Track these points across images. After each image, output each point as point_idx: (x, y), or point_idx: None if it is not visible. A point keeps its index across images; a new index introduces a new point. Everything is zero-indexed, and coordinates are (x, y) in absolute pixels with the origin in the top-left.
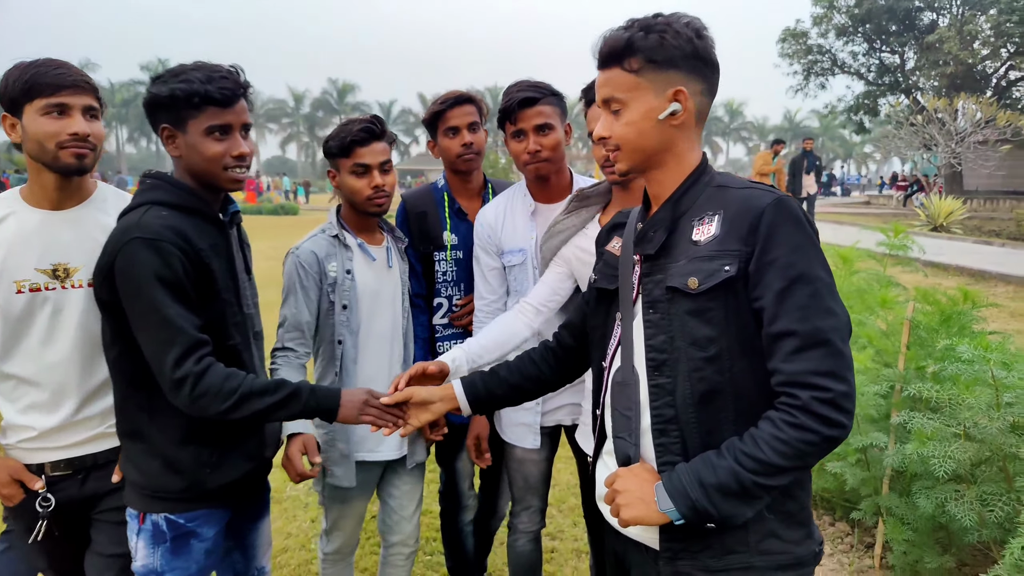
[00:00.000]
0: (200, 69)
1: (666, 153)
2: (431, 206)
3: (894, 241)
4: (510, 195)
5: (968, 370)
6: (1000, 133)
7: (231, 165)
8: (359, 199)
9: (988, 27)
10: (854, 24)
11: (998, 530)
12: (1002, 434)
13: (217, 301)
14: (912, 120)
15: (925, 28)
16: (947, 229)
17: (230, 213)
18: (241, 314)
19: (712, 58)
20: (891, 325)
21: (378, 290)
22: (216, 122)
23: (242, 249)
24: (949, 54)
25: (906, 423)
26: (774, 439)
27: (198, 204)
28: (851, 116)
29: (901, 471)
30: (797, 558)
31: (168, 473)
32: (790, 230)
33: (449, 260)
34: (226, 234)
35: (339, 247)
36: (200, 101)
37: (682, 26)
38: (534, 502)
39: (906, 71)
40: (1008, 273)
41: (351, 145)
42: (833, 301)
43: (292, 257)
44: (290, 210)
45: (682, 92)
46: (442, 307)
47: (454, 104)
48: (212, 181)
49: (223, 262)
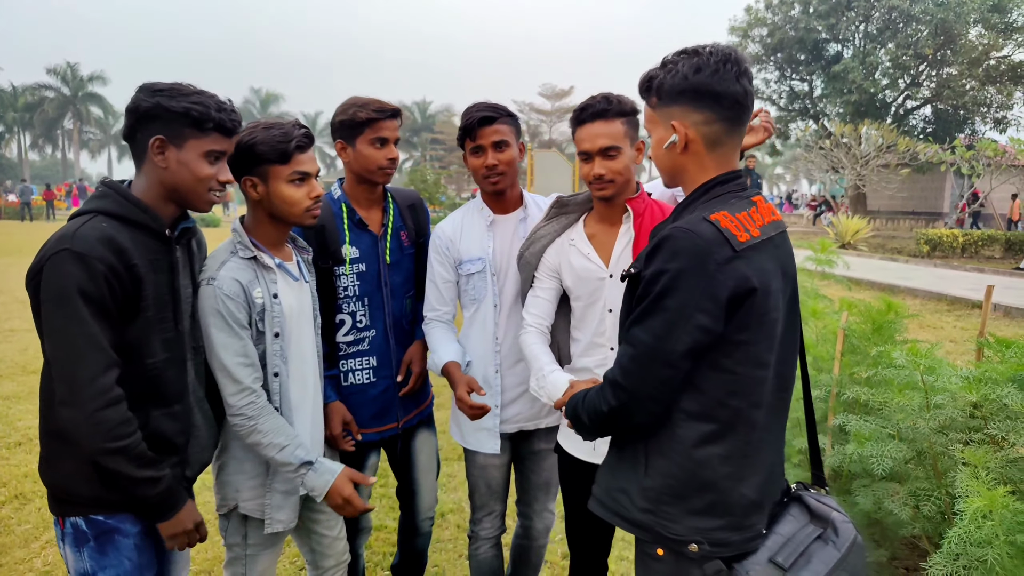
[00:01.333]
0: (208, 95)
1: (681, 174)
2: (328, 219)
3: (821, 257)
4: (467, 209)
5: (899, 375)
6: (900, 158)
7: (215, 188)
8: (296, 210)
9: (887, 59)
10: (766, 53)
11: (929, 524)
12: (933, 434)
13: (141, 318)
14: (821, 144)
15: (831, 59)
16: (854, 247)
17: (180, 229)
18: (175, 330)
19: (713, 89)
20: (822, 334)
21: (300, 311)
22: (217, 148)
23: (191, 264)
24: (853, 83)
25: (844, 425)
26: (593, 393)
27: (143, 218)
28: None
29: (839, 471)
30: (634, 520)
31: (81, 478)
32: (664, 257)
33: (350, 274)
34: (170, 249)
35: (259, 269)
36: (212, 127)
37: (685, 62)
38: (496, 507)
39: (814, 98)
40: (914, 287)
41: (294, 152)
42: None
43: (211, 289)
44: (211, 222)
45: (676, 125)
46: (344, 324)
47: (391, 116)
48: (191, 199)
49: (162, 277)
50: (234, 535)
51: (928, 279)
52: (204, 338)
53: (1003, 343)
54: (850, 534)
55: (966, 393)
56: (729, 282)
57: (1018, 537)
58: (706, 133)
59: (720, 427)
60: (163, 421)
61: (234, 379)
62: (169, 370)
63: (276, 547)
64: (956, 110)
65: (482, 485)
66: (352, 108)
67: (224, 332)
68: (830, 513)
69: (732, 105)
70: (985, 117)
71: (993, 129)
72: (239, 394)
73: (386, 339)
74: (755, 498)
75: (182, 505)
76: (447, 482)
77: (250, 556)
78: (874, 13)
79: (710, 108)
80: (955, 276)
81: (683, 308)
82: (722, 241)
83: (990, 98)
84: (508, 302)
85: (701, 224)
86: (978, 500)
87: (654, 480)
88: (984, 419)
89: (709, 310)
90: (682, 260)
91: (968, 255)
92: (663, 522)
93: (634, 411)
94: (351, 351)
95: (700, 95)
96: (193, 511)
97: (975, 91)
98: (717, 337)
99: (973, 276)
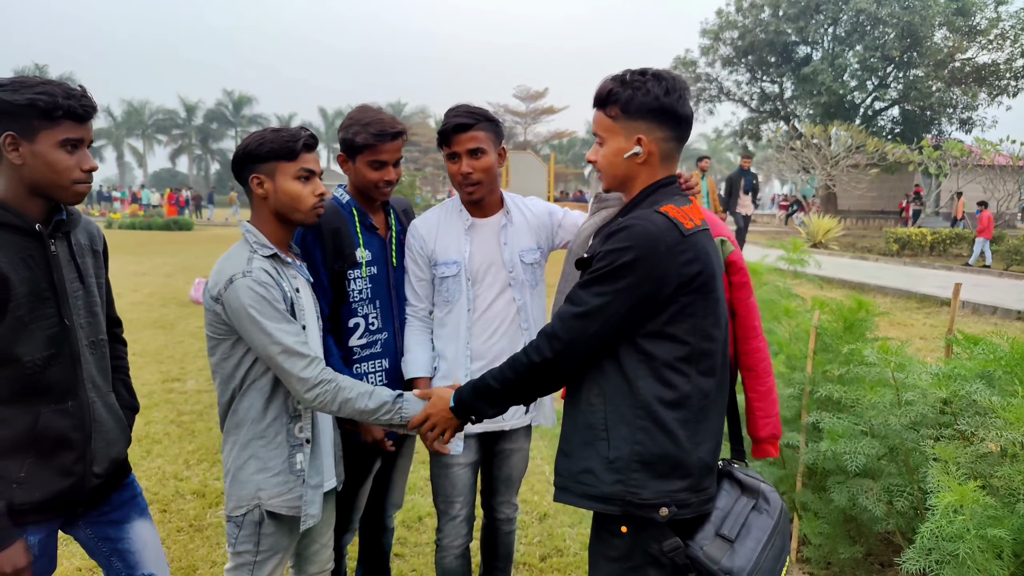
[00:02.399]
0: (54, 83)
1: (632, 181)
2: (342, 222)
3: (793, 256)
4: (444, 208)
5: (871, 372)
6: (869, 158)
7: (80, 179)
8: (302, 207)
9: (856, 61)
10: (738, 55)
11: (902, 519)
12: (904, 430)
13: (10, 316)
14: (792, 145)
15: (801, 61)
16: (825, 246)
17: (55, 222)
18: (60, 325)
19: (677, 112)
20: (794, 332)
21: (312, 307)
22: (72, 136)
23: (74, 258)
24: (823, 85)
25: (817, 423)
26: (514, 355)
27: (6, 216)
28: (736, 140)
29: (813, 468)
30: (603, 494)
31: None
32: (621, 239)
33: (364, 277)
34: (44, 244)
35: (280, 266)
36: (62, 115)
37: (654, 84)
38: (461, 511)
39: (785, 100)
40: (884, 285)
41: (302, 149)
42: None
43: (245, 282)
44: (184, 225)
45: (643, 139)
46: (359, 327)
47: (392, 138)
48: (55, 192)
49: (36, 272)
50: (246, 541)
51: (898, 277)
52: (247, 334)
53: (971, 340)
54: (778, 502)
55: (936, 390)
56: (677, 261)
57: (989, 531)
58: (664, 148)
59: (678, 395)
60: (54, 418)
61: (300, 354)
62: (53, 366)
63: (283, 554)
64: (923, 111)
65: (446, 486)
66: (354, 127)
67: (272, 319)
68: (759, 484)
69: (686, 127)
70: (951, 118)
71: (959, 130)
72: (310, 366)
73: (396, 341)
74: (708, 461)
75: (8, 545)
76: (424, 485)
77: (258, 562)
78: (842, 16)
79: (670, 127)
80: (924, 274)
81: (631, 281)
82: (671, 227)
83: (956, 99)
84: (482, 306)
85: (653, 215)
86: (949, 495)
87: (619, 449)
88: (954, 415)
89: (654, 285)
90: (637, 242)
91: (936, 253)
92: (632, 490)
93: (564, 363)
94: (364, 354)
95: (666, 115)
96: (19, 555)
97: (941, 92)
98: (664, 309)
99: (942, 274)
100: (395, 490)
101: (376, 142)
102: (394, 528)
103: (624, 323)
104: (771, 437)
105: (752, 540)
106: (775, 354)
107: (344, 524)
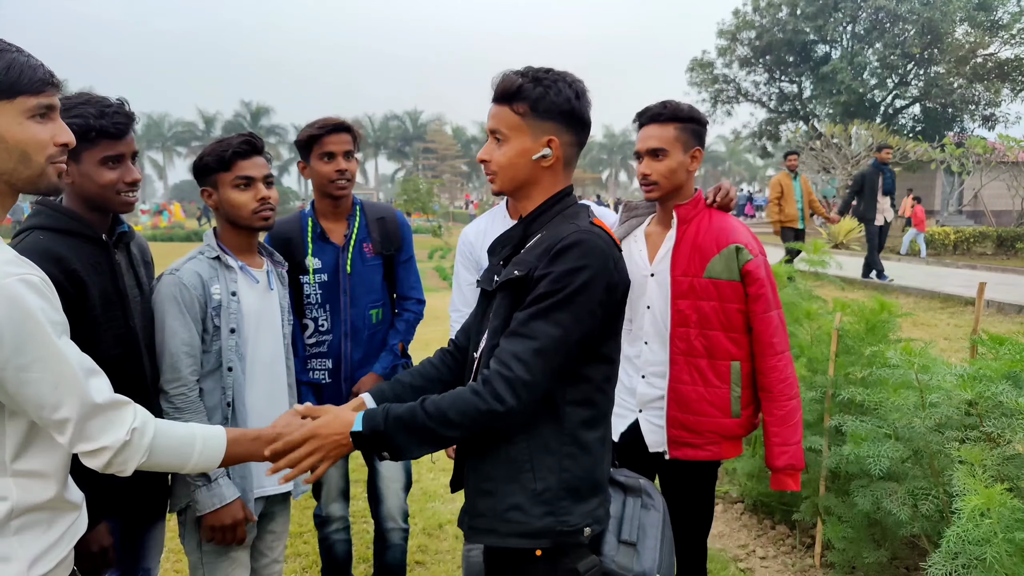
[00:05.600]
0: (90, 103)
1: (533, 186)
2: (296, 233)
3: (814, 257)
4: (492, 214)
5: (894, 374)
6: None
7: (124, 191)
8: (244, 213)
9: (875, 59)
10: (755, 55)
11: (927, 523)
12: (929, 432)
13: (88, 317)
14: (811, 145)
15: (820, 60)
16: (847, 246)
17: (117, 233)
18: (126, 327)
19: (585, 117)
20: (816, 335)
21: (261, 313)
22: (110, 153)
23: (133, 267)
24: (842, 84)
25: (840, 426)
26: (457, 397)
27: (78, 227)
28: (755, 141)
29: (837, 472)
30: (536, 530)
31: None
32: (575, 257)
33: (313, 283)
34: (109, 253)
35: (221, 269)
36: (96, 135)
37: (566, 85)
38: None
39: (804, 99)
40: (907, 286)
41: (232, 158)
42: (568, 321)
43: (171, 278)
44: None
45: (554, 141)
46: (308, 328)
47: (332, 131)
48: (105, 204)
49: (104, 279)
50: (190, 538)
51: (920, 277)
52: (156, 324)
53: (997, 340)
54: (657, 492)
55: (961, 391)
56: (620, 278)
57: (1016, 534)
58: (568, 153)
59: (596, 412)
60: None
61: (174, 367)
62: (125, 365)
63: (233, 556)
64: (945, 108)
65: None
66: (303, 129)
67: (176, 319)
68: (637, 481)
69: (587, 134)
70: (974, 115)
71: (982, 126)
72: (175, 382)
73: (341, 344)
74: (608, 472)
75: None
76: (443, 492)
77: (207, 564)
78: (861, 14)
79: (576, 132)
80: (947, 273)
81: (590, 304)
82: (612, 243)
83: (978, 96)
84: None
85: (594, 227)
86: (975, 498)
87: (547, 481)
88: (980, 417)
89: (605, 304)
90: (592, 260)
91: (960, 252)
92: (562, 519)
93: (527, 410)
94: (314, 352)
95: (575, 119)
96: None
97: (963, 89)
98: (601, 329)
99: (965, 273)
100: (387, 501)
101: (319, 132)
102: (402, 547)
103: (579, 350)
104: (789, 467)
105: (651, 539)
106: (796, 357)
107: None
